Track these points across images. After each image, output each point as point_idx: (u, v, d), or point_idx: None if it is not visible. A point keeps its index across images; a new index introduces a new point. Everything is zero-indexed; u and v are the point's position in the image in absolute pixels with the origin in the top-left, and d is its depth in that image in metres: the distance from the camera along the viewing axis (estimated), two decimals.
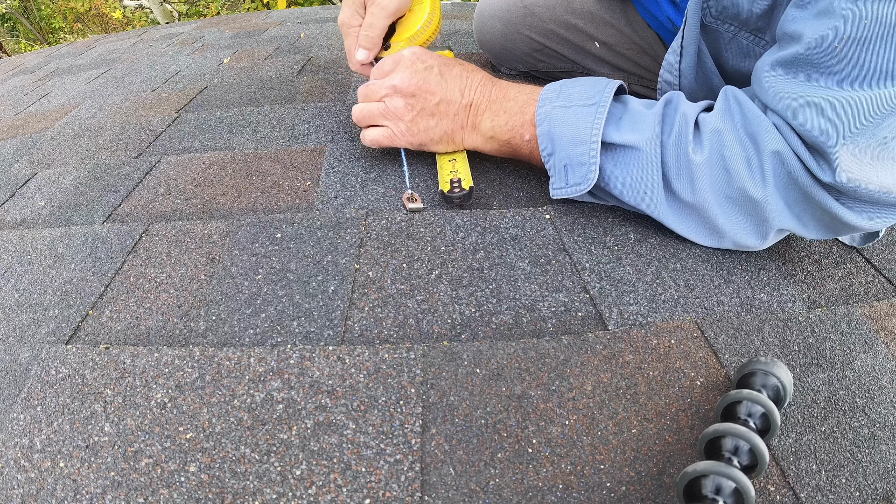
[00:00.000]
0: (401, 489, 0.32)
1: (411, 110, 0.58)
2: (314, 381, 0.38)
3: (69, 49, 1.79)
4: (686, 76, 0.58)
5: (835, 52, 0.39)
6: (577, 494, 0.32)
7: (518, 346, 0.41)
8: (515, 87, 0.58)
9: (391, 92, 0.58)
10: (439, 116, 0.58)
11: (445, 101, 0.58)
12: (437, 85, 0.57)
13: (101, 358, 0.41)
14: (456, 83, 0.58)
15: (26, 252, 0.54)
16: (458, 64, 0.60)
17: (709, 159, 0.45)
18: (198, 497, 0.32)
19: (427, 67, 0.58)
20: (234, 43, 1.41)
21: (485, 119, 0.58)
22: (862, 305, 0.46)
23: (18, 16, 7.01)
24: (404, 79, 0.57)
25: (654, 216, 0.50)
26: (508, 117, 0.56)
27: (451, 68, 0.59)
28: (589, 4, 0.85)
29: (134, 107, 0.93)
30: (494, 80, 0.59)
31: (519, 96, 0.57)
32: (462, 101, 0.58)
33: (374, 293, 0.46)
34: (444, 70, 0.58)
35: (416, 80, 0.57)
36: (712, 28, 0.55)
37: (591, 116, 0.50)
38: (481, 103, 0.58)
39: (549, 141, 0.52)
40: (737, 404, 0.33)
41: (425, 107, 0.58)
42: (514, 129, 0.56)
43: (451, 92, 0.57)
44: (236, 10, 5.48)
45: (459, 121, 0.58)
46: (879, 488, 0.32)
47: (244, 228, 0.54)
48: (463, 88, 0.58)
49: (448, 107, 0.58)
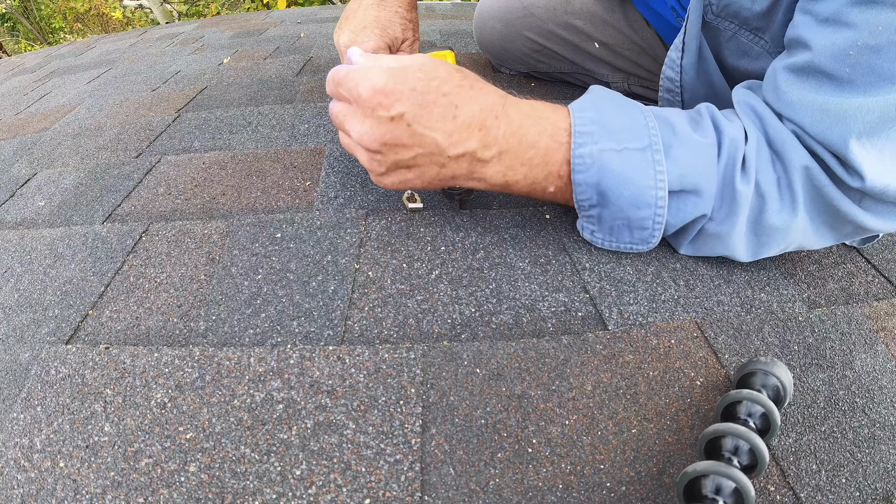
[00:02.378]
0: (401, 489, 0.32)
1: (379, 165, 0.46)
2: (314, 381, 0.38)
3: (69, 49, 1.79)
4: (687, 72, 0.57)
5: (848, 60, 0.39)
6: (577, 494, 0.32)
7: (518, 346, 0.41)
8: (530, 119, 0.45)
9: (351, 140, 0.46)
10: (420, 168, 0.45)
11: (426, 154, 0.44)
12: (409, 137, 0.43)
13: (101, 358, 0.41)
14: (440, 128, 0.43)
15: (26, 252, 0.54)
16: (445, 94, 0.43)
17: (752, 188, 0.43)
18: (198, 497, 0.32)
19: (393, 117, 0.42)
20: (234, 43, 1.41)
21: (493, 171, 0.45)
22: (862, 305, 0.46)
23: (18, 16, 7.01)
24: (363, 132, 0.44)
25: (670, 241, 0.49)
26: (528, 170, 0.45)
27: (432, 108, 0.42)
28: (589, 5, 0.85)
29: (134, 107, 0.93)
30: (499, 109, 0.44)
31: (540, 139, 0.44)
32: (452, 151, 0.43)
33: (374, 293, 0.46)
34: (419, 115, 0.42)
35: (378, 134, 0.43)
36: (713, 25, 0.55)
37: (649, 168, 0.42)
38: (485, 153, 0.44)
39: (596, 194, 0.44)
40: (737, 404, 0.33)
41: (398, 161, 0.45)
42: (536, 183, 0.46)
43: (433, 142, 0.43)
44: (236, 10, 5.48)
45: (450, 171, 0.45)
46: (879, 488, 0.32)
47: (244, 228, 0.54)
48: (451, 133, 0.43)
49: (431, 158, 0.44)
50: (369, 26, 0.66)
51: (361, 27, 0.66)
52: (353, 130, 0.44)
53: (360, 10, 0.67)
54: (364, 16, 0.67)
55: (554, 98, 0.88)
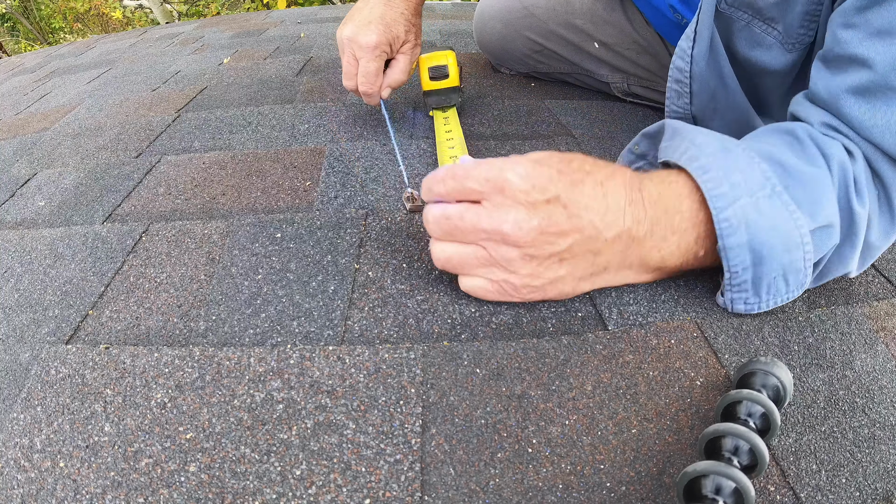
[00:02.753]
0: (401, 489, 0.32)
1: (530, 261, 0.40)
2: (314, 381, 0.38)
3: (69, 49, 1.79)
4: (698, 62, 0.56)
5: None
6: (577, 494, 0.32)
7: (518, 346, 0.41)
8: (663, 184, 0.41)
9: (497, 239, 0.39)
10: (573, 261, 0.40)
11: (583, 241, 0.39)
12: (566, 221, 0.38)
13: (101, 358, 0.41)
14: (594, 207, 0.38)
15: (26, 252, 0.54)
16: (588, 172, 0.39)
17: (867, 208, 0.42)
18: (198, 497, 0.32)
19: (549, 200, 0.38)
20: (234, 43, 1.41)
21: (647, 249, 0.41)
22: (862, 305, 0.46)
23: (18, 16, 7.01)
24: (518, 223, 0.38)
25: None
26: (679, 238, 0.41)
27: (581, 187, 0.38)
28: (589, 4, 0.85)
29: (134, 107, 0.93)
30: (636, 181, 0.40)
31: (681, 202, 0.40)
32: (608, 233, 0.39)
33: (374, 293, 0.46)
34: (573, 196, 0.38)
35: (535, 223, 0.38)
36: (726, 15, 0.54)
37: (783, 210, 0.39)
38: (639, 229, 0.40)
39: (749, 253, 0.40)
40: (737, 404, 0.33)
41: (552, 253, 0.39)
42: (689, 250, 0.42)
43: (590, 224, 0.38)
44: (236, 10, 5.48)
45: (604, 260, 0.41)
46: (879, 488, 0.32)
47: (244, 228, 0.54)
48: (605, 213, 0.39)
49: (587, 245, 0.39)
50: (374, 21, 0.67)
51: (366, 22, 0.67)
52: (506, 224, 0.38)
53: (367, 7, 0.69)
54: (370, 12, 0.68)
55: (554, 98, 0.88)
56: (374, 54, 0.67)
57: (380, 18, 0.67)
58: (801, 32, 0.49)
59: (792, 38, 0.50)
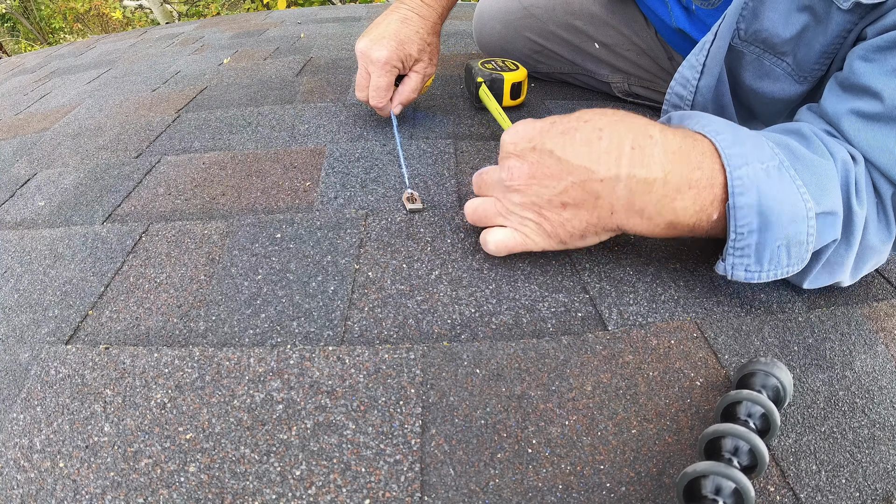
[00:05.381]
0: (401, 489, 0.32)
1: (533, 207, 0.44)
2: (314, 381, 0.38)
3: (69, 49, 1.79)
4: (703, 94, 0.56)
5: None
6: (577, 495, 0.32)
7: (518, 347, 0.41)
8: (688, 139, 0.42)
9: (502, 188, 0.45)
10: (575, 207, 0.43)
11: (578, 184, 0.41)
12: (555, 164, 0.42)
13: (101, 358, 0.41)
14: (584, 151, 0.41)
15: (26, 252, 0.54)
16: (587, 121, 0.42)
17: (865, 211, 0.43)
18: (197, 497, 0.32)
19: (535, 147, 0.42)
20: (234, 43, 1.41)
21: (658, 197, 0.41)
22: (862, 306, 0.46)
23: (18, 16, 7.01)
24: (511, 169, 0.44)
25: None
26: (696, 194, 0.41)
27: (574, 134, 0.41)
28: (588, 5, 0.85)
29: (134, 107, 0.93)
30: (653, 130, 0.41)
31: (703, 160, 0.41)
32: (603, 172, 0.41)
33: (373, 293, 0.46)
34: (561, 142, 0.41)
35: (526, 168, 0.43)
36: (737, 49, 0.54)
37: (791, 183, 0.40)
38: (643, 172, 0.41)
39: (756, 216, 0.40)
40: (737, 405, 0.33)
41: (550, 198, 0.43)
42: (703, 209, 0.41)
43: (580, 166, 0.41)
44: (236, 10, 5.48)
45: (608, 203, 0.42)
46: (879, 488, 0.32)
47: (244, 228, 0.54)
48: (599, 154, 0.41)
49: (584, 187, 0.42)
50: (387, 37, 0.68)
51: (380, 37, 0.68)
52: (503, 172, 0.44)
53: (384, 23, 0.70)
54: (385, 28, 0.69)
55: (554, 98, 0.88)
56: (385, 70, 0.68)
57: (394, 35, 0.68)
58: (816, 67, 0.49)
59: (805, 72, 0.50)
